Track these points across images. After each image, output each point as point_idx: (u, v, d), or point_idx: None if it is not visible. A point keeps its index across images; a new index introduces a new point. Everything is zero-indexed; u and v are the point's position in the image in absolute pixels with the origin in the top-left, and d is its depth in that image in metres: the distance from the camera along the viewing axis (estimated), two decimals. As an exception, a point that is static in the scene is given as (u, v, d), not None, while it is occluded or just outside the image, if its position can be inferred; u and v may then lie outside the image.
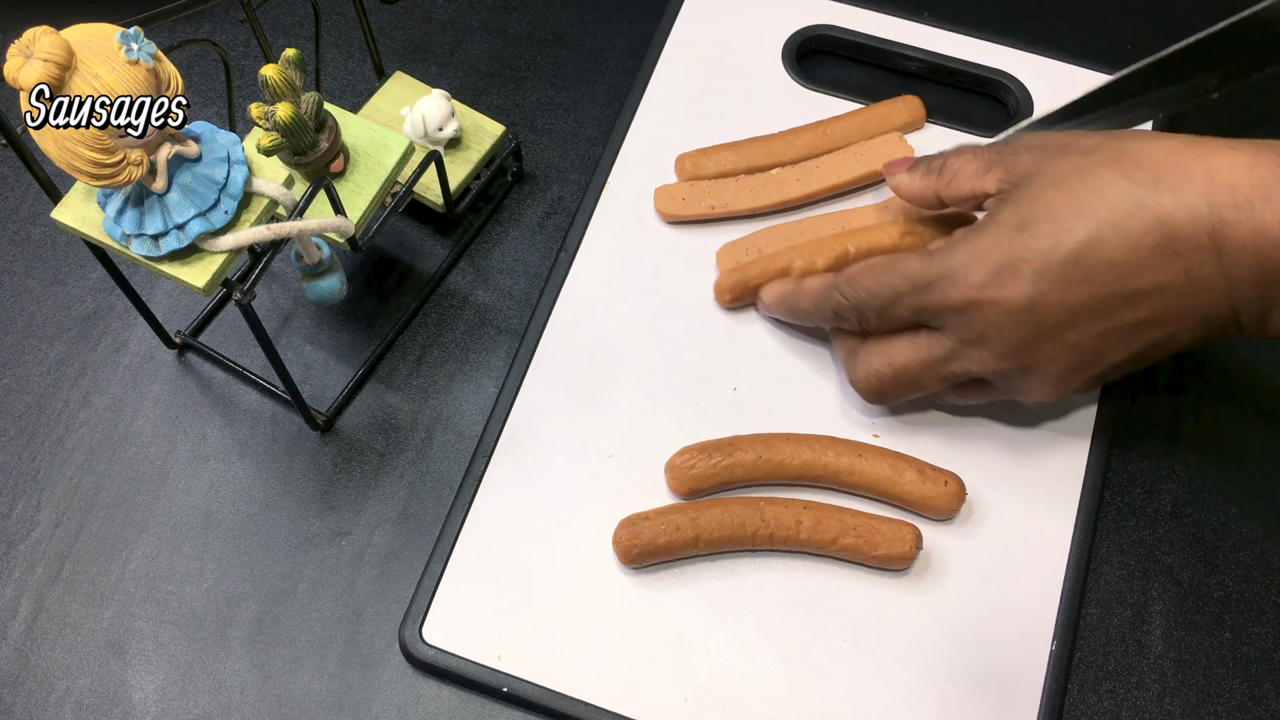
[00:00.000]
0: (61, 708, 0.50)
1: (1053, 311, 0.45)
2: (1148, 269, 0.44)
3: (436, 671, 0.51)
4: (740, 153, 0.61)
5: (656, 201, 0.60)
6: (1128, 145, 0.45)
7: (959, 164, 0.50)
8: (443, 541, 0.53)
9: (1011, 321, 0.46)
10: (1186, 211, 0.43)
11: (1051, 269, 0.45)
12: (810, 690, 0.50)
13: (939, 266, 0.47)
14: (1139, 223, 0.43)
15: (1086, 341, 0.46)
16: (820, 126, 0.61)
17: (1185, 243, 0.43)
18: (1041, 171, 0.46)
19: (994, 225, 0.46)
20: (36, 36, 0.37)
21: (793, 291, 0.54)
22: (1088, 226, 0.44)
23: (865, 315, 0.50)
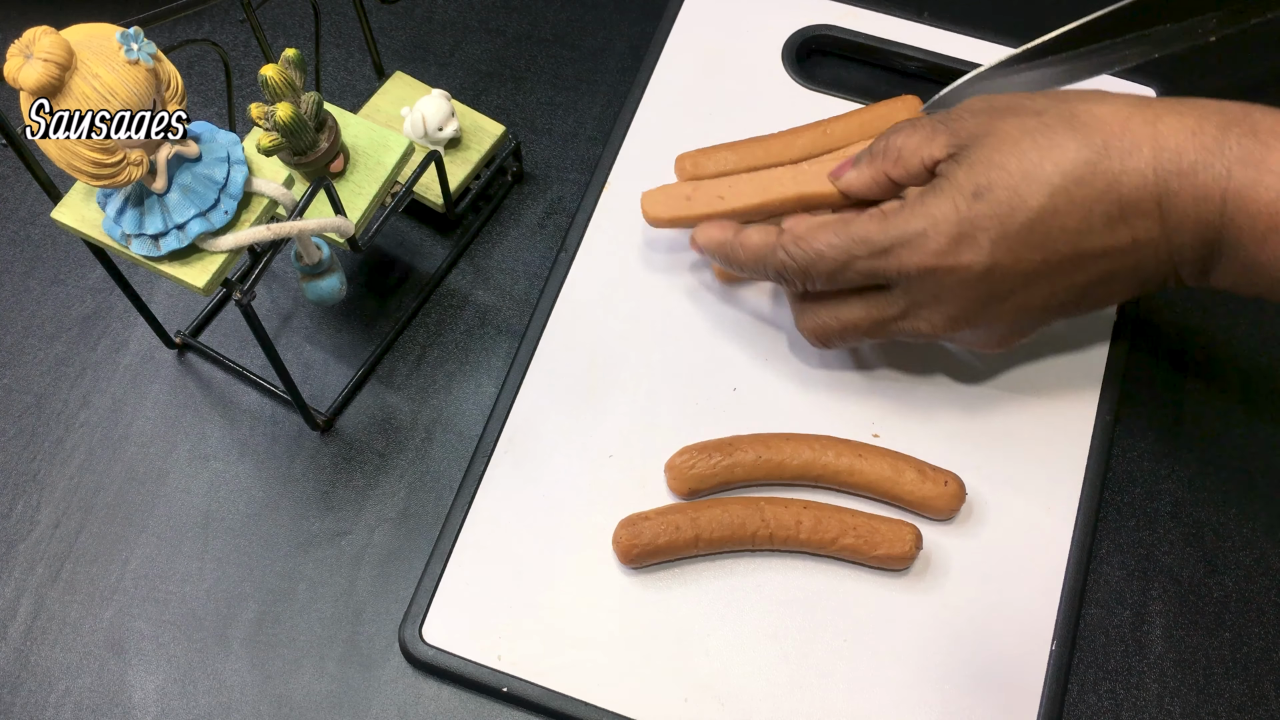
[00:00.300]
0: (61, 708, 0.50)
1: (1006, 276, 0.47)
2: (1097, 234, 0.45)
3: (436, 671, 0.51)
4: (740, 153, 0.60)
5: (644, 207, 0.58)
6: (1076, 109, 0.46)
7: (901, 140, 0.50)
8: (442, 541, 0.53)
9: (965, 286, 0.47)
10: (1135, 179, 0.44)
11: (1008, 237, 0.46)
12: (810, 690, 0.50)
13: (896, 231, 0.47)
14: (1091, 190, 0.45)
15: (1034, 301, 0.48)
16: (820, 126, 0.61)
17: (1133, 209, 0.44)
18: (991, 131, 0.47)
19: (950, 188, 0.47)
20: (36, 36, 0.37)
21: (730, 242, 0.52)
22: (1042, 193, 0.45)
23: (812, 277, 0.50)
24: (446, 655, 0.50)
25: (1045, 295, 0.48)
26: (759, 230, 0.52)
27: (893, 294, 0.49)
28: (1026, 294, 0.47)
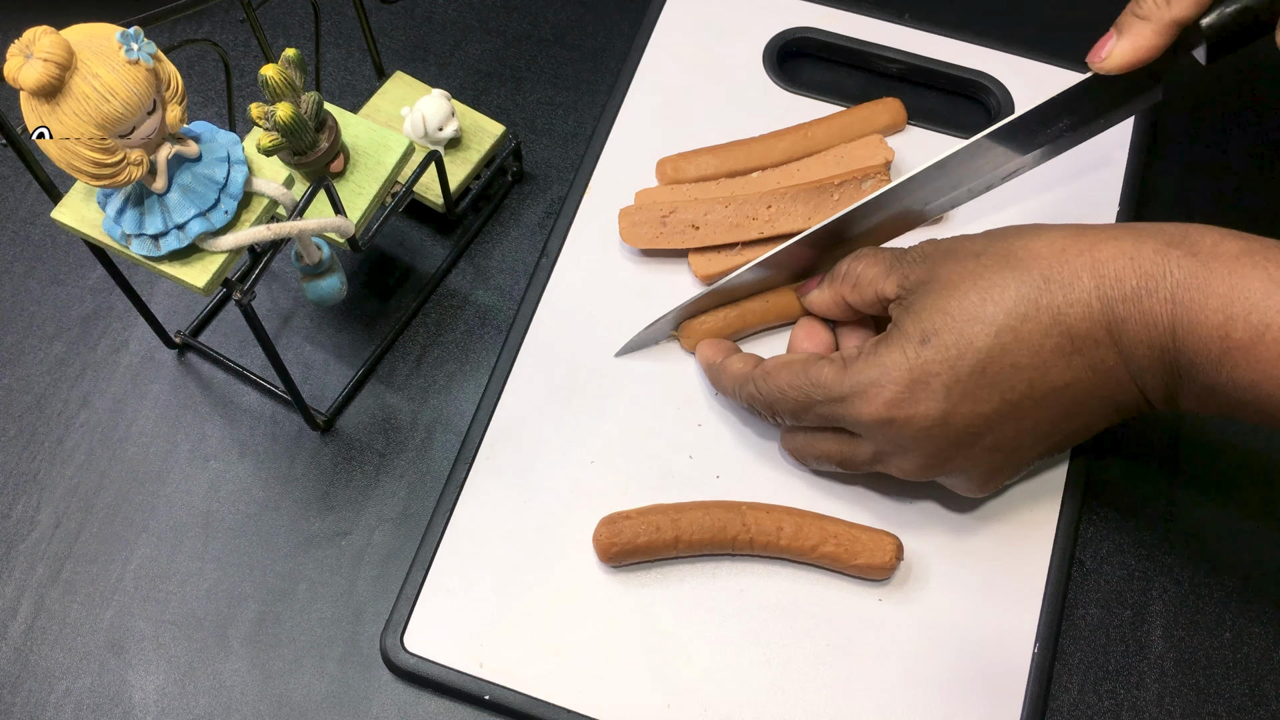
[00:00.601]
0: (61, 708, 0.50)
1: (966, 421, 0.46)
2: (1052, 369, 0.45)
3: (419, 680, 0.51)
4: (721, 156, 0.60)
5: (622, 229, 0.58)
6: (1011, 245, 0.46)
7: (861, 268, 0.51)
8: (424, 549, 0.52)
9: (927, 436, 0.47)
10: (1080, 309, 0.44)
11: (960, 381, 0.45)
12: (792, 695, 0.50)
13: (851, 381, 0.47)
14: (1037, 326, 0.44)
15: (1004, 443, 0.47)
16: (801, 130, 0.61)
17: (1084, 339, 0.44)
18: (933, 278, 0.47)
19: (899, 336, 0.47)
20: (36, 36, 0.37)
21: (716, 366, 0.54)
22: (988, 333, 0.45)
23: (778, 413, 0.51)
24: (428, 664, 0.50)
25: (1015, 434, 0.47)
26: (740, 359, 0.53)
27: (862, 440, 0.49)
28: (994, 436, 0.47)
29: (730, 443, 0.55)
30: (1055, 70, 0.64)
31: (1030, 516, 0.53)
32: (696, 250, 0.58)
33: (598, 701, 0.49)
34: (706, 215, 0.58)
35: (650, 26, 0.66)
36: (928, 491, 0.54)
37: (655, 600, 0.52)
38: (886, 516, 0.53)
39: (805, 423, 0.50)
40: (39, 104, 0.38)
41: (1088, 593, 0.53)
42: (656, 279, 0.59)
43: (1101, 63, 0.48)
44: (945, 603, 0.51)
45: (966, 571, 0.52)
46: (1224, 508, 0.54)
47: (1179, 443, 0.56)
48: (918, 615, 0.51)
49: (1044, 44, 0.65)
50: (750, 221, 0.57)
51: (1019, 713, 0.49)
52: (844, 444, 0.50)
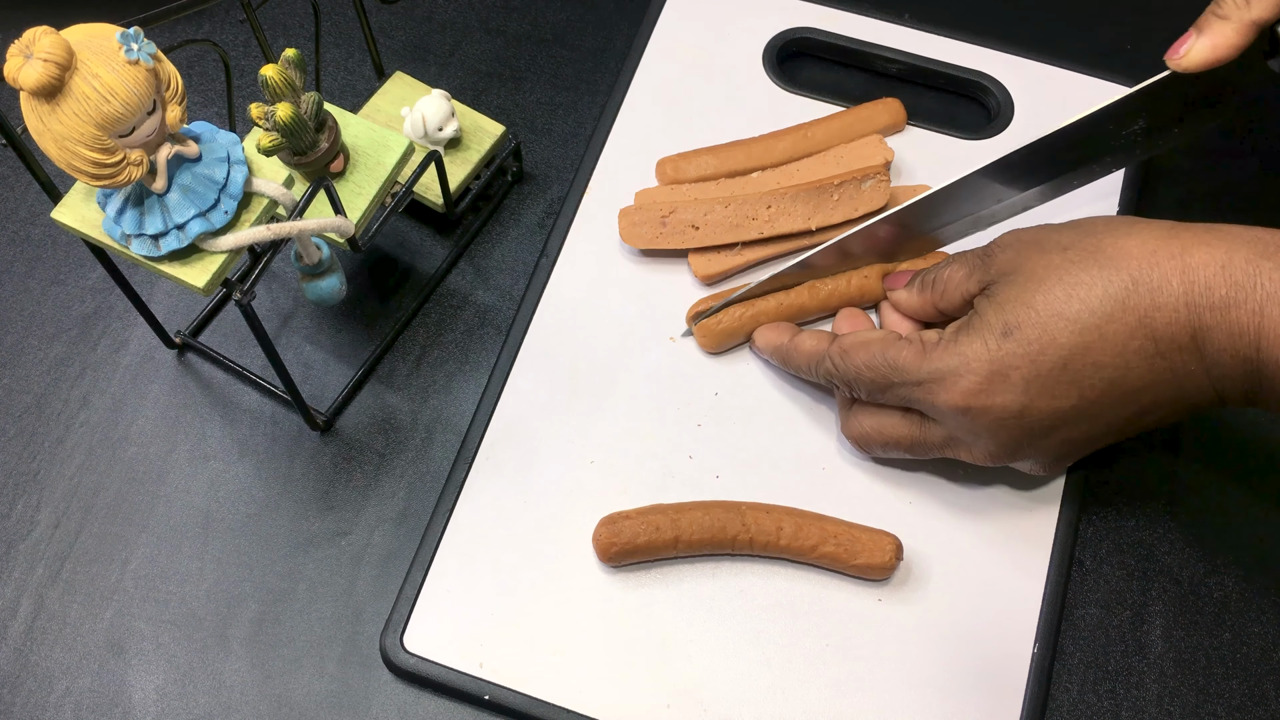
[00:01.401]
0: (61, 708, 0.50)
1: (1044, 415, 0.46)
2: (1134, 370, 0.45)
3: (419, 680, 0.50)
4: (721, 157, 0.60)
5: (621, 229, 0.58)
6: (1101, 242, 0.46)
7: (948, 274, 0.51)
8: (424, 549, 0.52)
9: (1002, 426, 0.47)
10: (1167, 315, 0.44)
11: (1041, 376, 0.45)
12: (792, 695, 0.50)
13: (930, 366, 0.47)
14: (1122, 327, 0.44)
15: (1078, 436, 0.48)
16: (801, 130, 0.61)
17: (1168, 344, 0.44)
18: (1018, 269, 0.47)
19: (981, 327, 0.47)
20: (36, 36, 0.37)
21: (787, 347, 0.54)
22: (1072, 331, 0.45)
23: (856, 389, 0.51)
24: (428, 664, 0.50)
25: (1089, 428, 0.47)
26: (811, 336, 0.53)
27: (935, 424, 0.50)
28: (1069, 430, 0.47)
29: (730, 443, 0.55)
30: (1055, 70, 0.64)
31: (1030, 516, 0.53)
32: (696, 250, 0.58)
33: (598, 701, 0.49)
34: (706, 215, 0.58)
35: (650, 26, 0.66)
36: (928, 491, 0.54)
37: (655, 600, 0.52)
38: (886, 516, 0.53)
39: (882, 400, 0.50)
40: (39, 104, 0.38)
41: (1088, 593, 0.53)
42: (656, 279, 0.59)
43: (1179, 60, 0.48)
44: (945, 603, 0.51)
45: (966, 571, 0.52)
46: (1224, 508, 0.54)
47: (1179, 443, 0.56)
48: (918, 615, 0.51)
49: (1044, 44, 0.65)
50: (750, 221, 0.58)
51: (1019, 713, 0.49)
52: (915, 426, 0.50)
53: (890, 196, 0.58)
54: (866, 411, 0.52)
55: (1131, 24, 0.68)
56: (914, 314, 0.54)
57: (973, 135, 0.62)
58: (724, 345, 0.57)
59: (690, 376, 0.56)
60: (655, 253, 0.59)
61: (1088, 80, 0.64)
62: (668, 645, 0.51)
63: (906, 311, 0.54)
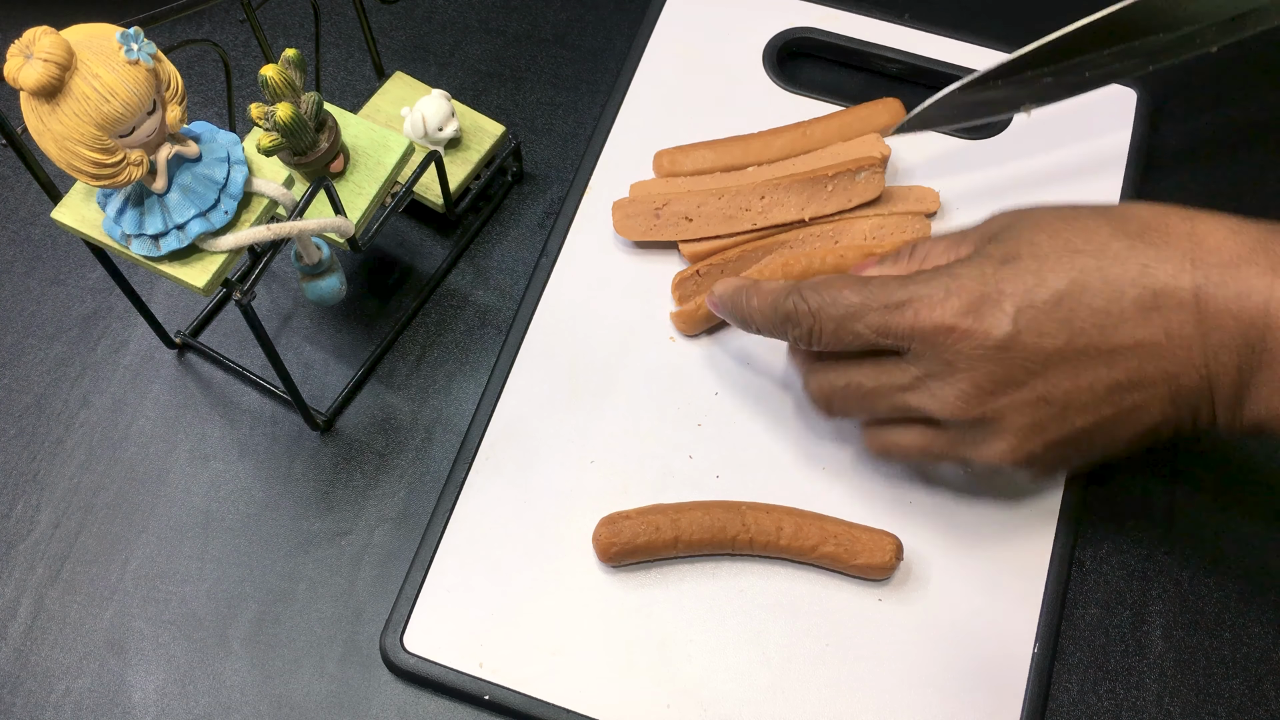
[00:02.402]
0: (61, 708, 0.50)
1: (1027, 352, 0.44)
2: (1128, 321, 0.43)
3: (419, 680, 0.50)
4: (718, 151, 0.61)
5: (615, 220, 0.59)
6: (1111, 207, 0.46)
7: (929, 246, 0.49)
8: (424, 549, 0.52)
9: (982, 356, 0.44)
10: (1171, 266, 0.42)
11: (1034, 306, 0.43)
12: (792, 695, 0.50)
13: (915, 287, 0.45)
14: (1124, 272, 0.43)
15: (1055, 394, 0.44)
16: (800, 128, 0.61)
17: (1168, 299, 0.42)
18: (1023, 219, 0.46)
19: (979, 257, 0.45)
20: (36, 36, 0.37)
21: (747, 288, 0.51)
22: (1073, 268, 0.43)
23: (821, 325, 0.47)
24: (428, 664, 0.50)
25: (1066, 389, 0.44)
26: (775, 281, 0.51)
27: (904, 360, 0.47)
28: (1046, 381, 0.44)
29: (730, 443, 0.55)
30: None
31: (1030, 516, 0.53)
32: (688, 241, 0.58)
33: (598, 701, 0.49)
34: (700, 207, 0.58)
35: (650, 26, 0.66)
36: (928, 492, 0.54)
37: (655, 600, 0.52)
38: (886, 517, 0.53)
39: (847, 343, 0.47)
40: (39, 104, 0.38)
41: (1088, 593, 0.53)
42: (657, 279, 0.59)
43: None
44: (945, 603, 0.51)
45: (966, 572, 0.52)
46: (1224, 508, 0.54)
47: (1179, 442, 0.56)
48: (918, 615, 0.51)
49: (1044, 44, 0.65)
50: (743, 213, 0.58)
51: (1019, 713, 0.49)
52: (881, 370, 0.47)
53: (884, 192, 0.58)
54: (829, 363, 0.50)
55: (1131, 24, 0.68)
56: None
57: (973, 135, 0.62)
58: (702, 328, 0.57)
59: (690, 376, 0.56)
60: (655, 252, 0.59)
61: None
62: (668, 645, 0.51)
63: None
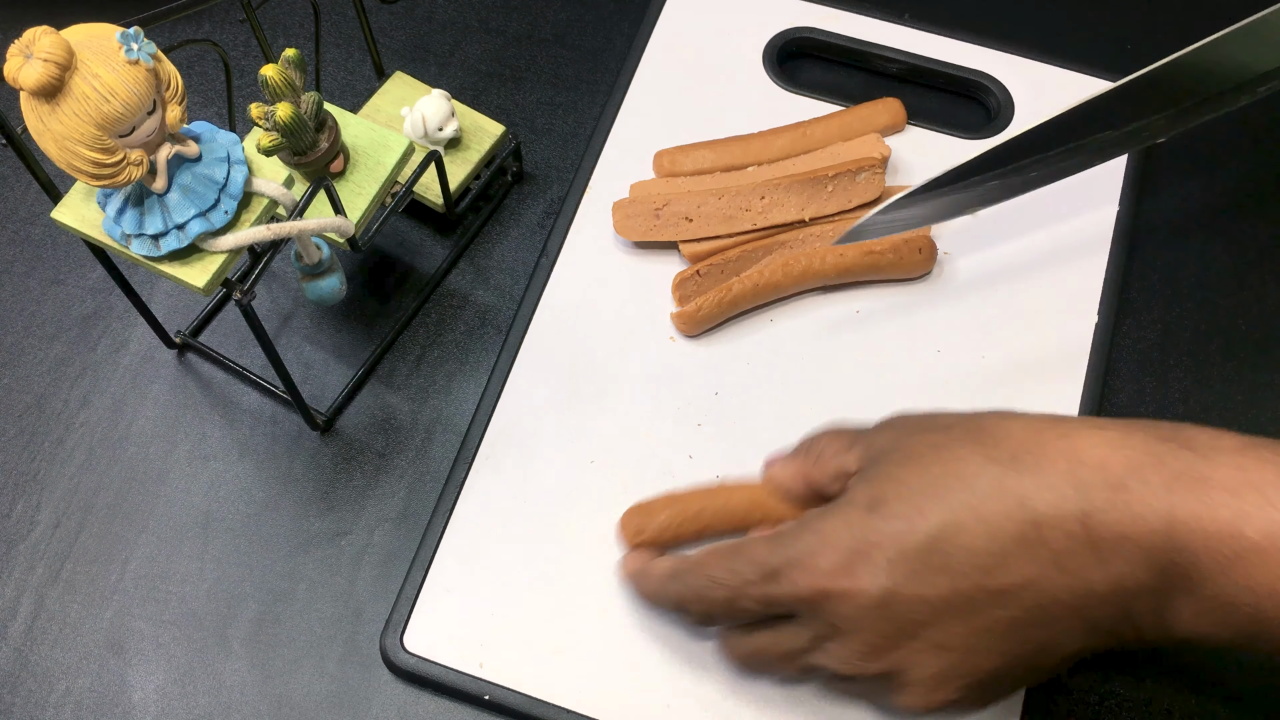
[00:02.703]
0: (61, 708, 0.50)
1: (911, 605, 0.41)
2: (1012, 559, 0.39)
3: (419, 680, 0.50)
4: (718, 151, 0.61)
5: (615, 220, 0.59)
6: (984, 422, 0.42)
7: (824, 443, 0.47)
8: (424, 549, 0.52)
9: (866, 615, 0.41)
10: (1051, 494, 0.39)
11: (906, 556, 0.40)
12: (793, 694, 0.50)
13: (786, 552, 0.43)
14: (999, 506, 0.39)
15: (953, 641, 0.41)
16: (800, 128, 0.61)
17: (1053, 530, 0.39)
18: (897, 447, 0.43)
19: (845, 504, 0.43)
20: (36, 36, 0.37)
21: (639, 575, 0.49)
22: (943, 508, 0.40)
23: (709, 608, 0.46)
24: (428, 664, 0.50)
25: (966, 633, 0.41)
26: (668, 558, 0.48)
27: (797, 623, 0.44)
28: (940, 630, 0.41)
29: (730, 443, 0.55)
30: (1055, 70, 0.65)
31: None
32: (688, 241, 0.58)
33: (598, 701, 0.49)
34: (700, 207, 0.58)
35: (650, 26, 0.66)
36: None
37: (655, 600, 0.52)
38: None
39: (739, 616, 0.46)
40: (39, 104, 0.38)
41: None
42: (657, 279, 0.59)
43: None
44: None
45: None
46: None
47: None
48: (918, 615, 0.51)
49: (1044, 44, 0.65)
50: (743, 213, 0.58)
51: (1019, 713, 0.49)
52: (779, 635, 0.45)
53: (884, 192, 0.58)
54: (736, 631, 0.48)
55: (1131, 24, 0.68)
56: (788, 484, 0.48)
57: (973, 135, 0.62)
58: (703, 328, 0.57)
59: (690, 376, 0.56)
60: (656, 252, 0.59)
61: (1088, 80, 0.64)
62: (668, 645, 0.51)
63: (780, 483, 0.49)
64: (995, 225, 0.60)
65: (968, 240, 0.59)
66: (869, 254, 0.57)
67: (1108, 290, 0.58)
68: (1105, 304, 0.58)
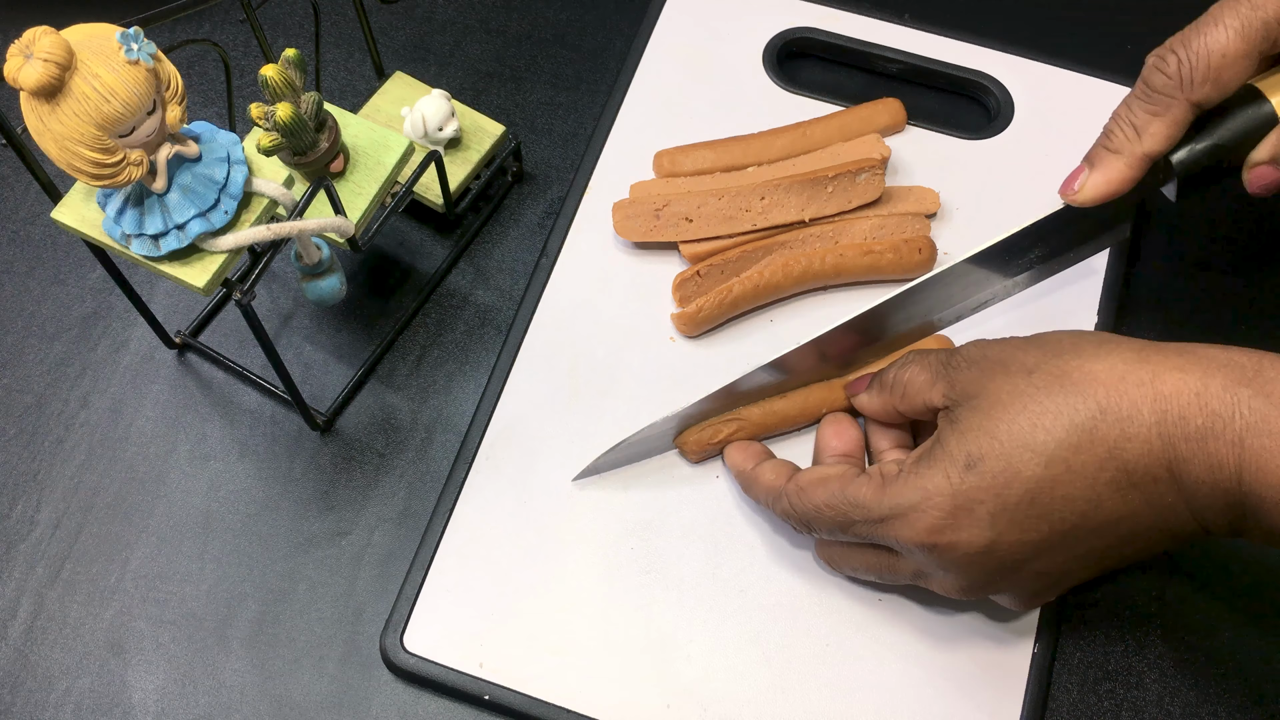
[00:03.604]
0: (61, 708, 0.50)
1: (1013, 549, 0.44)
2: (1106, 501, 0.42)
3: (419, 680, 0.50)
4: (718, 151, 0.61)
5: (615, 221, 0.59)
6: (1068, 366, 0.43)
7: (908, 377, 0.49)
8: (424, 549, 0.52)
9: (971, 561, 0.44)
10: (1139, 445, 0.41)
11: (1007, 510, 0.43)
12: (792, 695, 0.50)
13: (891, 502, 0.45)
14: (1091, 458, 0.42)
15: (1051, 569, 0.45)
16: (800, 128, 0.61)
17: (1142, 475, 0.42)
18: (983, 393, 0.45)
19: (943, 457, 0.44)
20: (36, 36, 0.37)
21: (746, 476, 0.52)
22: (1038, 463, 0.42)
23: (815, 528, 0.49)
24: (428, 664, 0.50)
25: (1064, 561, 0.44)
26: (772, 469, 0.51)
27: (901, 558, 0.48)
28: (1042, 562, 0.44)
29: (730, 443, 0.55)
30: (1055, 70, 0.64)
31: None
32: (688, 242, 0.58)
33: (598, 701, 0.49)
34: (700, 208, 0.58)
35: (650, 26, 0.66)
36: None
37: (655, 600, 0.52)
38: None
39: (843, 539, 0.48)
40: (39, 104, 0.38)
41: (1088, 593, 0.53)
42: (657, 279, 0.59)
43: (1074, 195, 0.48)
44: (945, 603, 0.51)
45: (966, 571, 0.52)
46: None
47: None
48: (918, 615, 0.51)
49: (1044, 44, 0.65)
50: (744, 214, 0.58)
51: (1019, 713, 0.49)
52: (884, 559, 0.48)
53: (884, 192, 0.58)
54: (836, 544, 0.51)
55: (1131, 24, 0.68)
56: (875, 415, 0.52)
57: (973, 135, 0.63)
58: (703, 329, 0.57)
59: (690, 376, 0.56)
60: (655, 252, 0.59)
61: (1088, 80, 0.64)
62: (668, 645, 0.51)
63: (868, 413, 0.52)
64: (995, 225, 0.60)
65: (968, 240, 0.59)
66: (869, 254, 0.57)
67: (1106, 293, 0.58)
68: (1104, 305, 0.58)
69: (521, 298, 0.59)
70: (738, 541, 0.53)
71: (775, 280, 0.56)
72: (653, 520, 0.53)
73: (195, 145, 0.44)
